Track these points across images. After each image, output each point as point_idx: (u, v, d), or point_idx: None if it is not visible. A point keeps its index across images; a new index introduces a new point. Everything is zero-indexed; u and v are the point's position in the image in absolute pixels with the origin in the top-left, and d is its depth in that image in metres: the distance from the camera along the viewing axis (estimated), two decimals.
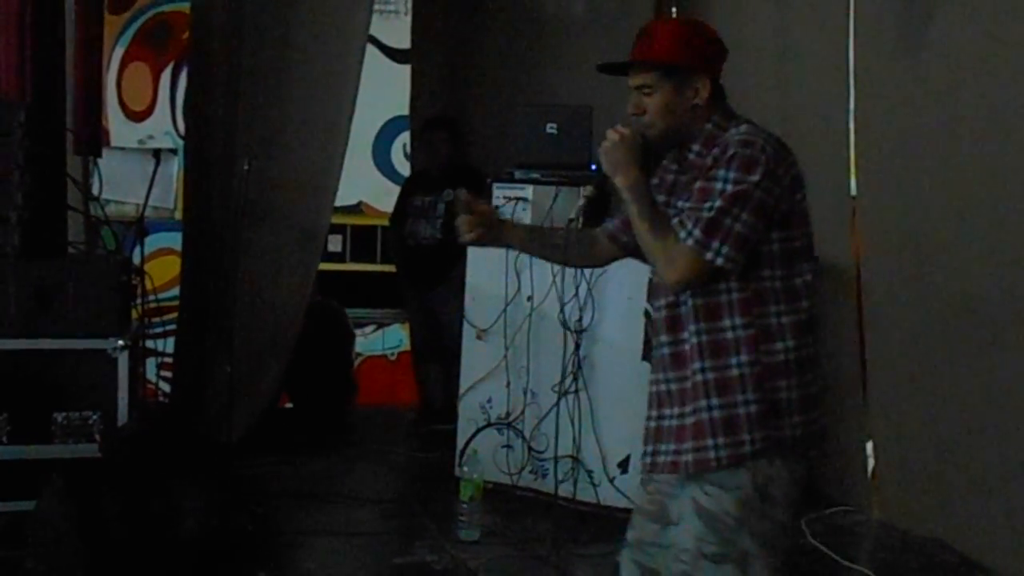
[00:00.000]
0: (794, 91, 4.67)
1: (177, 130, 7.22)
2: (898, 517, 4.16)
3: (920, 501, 4.06)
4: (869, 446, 4.35)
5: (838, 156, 4.37)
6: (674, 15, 5.52)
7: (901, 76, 4.03)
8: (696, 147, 2.21)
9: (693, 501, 2.16)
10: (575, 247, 2.44)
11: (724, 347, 2.13)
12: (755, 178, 2.07)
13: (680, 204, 2.19)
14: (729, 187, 2.07)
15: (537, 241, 2.55)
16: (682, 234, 2.10)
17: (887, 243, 4.21)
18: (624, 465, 4.16)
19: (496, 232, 2.44)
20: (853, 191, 4.36)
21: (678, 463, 2.17)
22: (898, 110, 4.07)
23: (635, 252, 2.33)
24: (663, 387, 2.23)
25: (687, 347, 2.17)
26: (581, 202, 2.35)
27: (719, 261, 2.08)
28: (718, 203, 2.07)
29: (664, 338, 2.22)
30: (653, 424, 2.25)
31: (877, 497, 4.33)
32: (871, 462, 4.36)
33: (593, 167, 4.55)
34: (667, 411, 2.22)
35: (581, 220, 2.37)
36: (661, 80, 2.18)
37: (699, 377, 2.15)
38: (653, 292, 2.30)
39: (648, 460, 2.25)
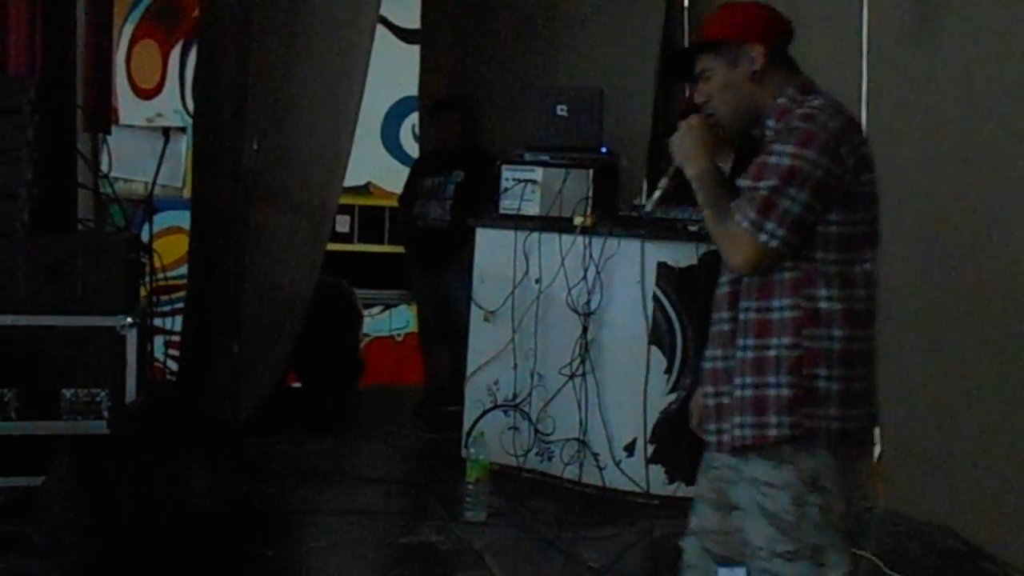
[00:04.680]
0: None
1: (186, 108, 7.22)
2: (903, 504, 4.16)
3: (926, 488, 4.05)
4: (876, 432, 4.33)
5: None
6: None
7: (916, 63, 3.97)
8: (771, 122, 2.13)
9: (755, 503, 2.12)
10: None
11: (767, 327, 2.07)
12: (811, 154, 1.99)
13: (738, 183, 2.10)
14: (785, 161, 2.00)
15: None
16: (738, 216, 2.04)
17: (897, 233, 4.17)
18: (630, 448, 4.17)
19: None
20: None
21: (722, 442, 2.15)
22: (913, 98, 4.01)
23: None
24: (719, 364, 2.17)
25: (738, 324, 2.13)
26: (658, 192, 2.29)
27: (773, 243, 2.01)
28: (773, 181, 2.00)
29: (725, 314, 2.16)
30: (712, 402, 2.18)
31: (883, 484, 4.32)
32: (877, 449, 4.35)
33: (604, 150, 4.54)
34: (724, 388, 2.15)
35: (654, 205, 2.35)
36: (714, 60, 2.16)
37: (740, 354, 2.11)
38: (722, 268, 2.23)
39: (713, 439, 2.19)
